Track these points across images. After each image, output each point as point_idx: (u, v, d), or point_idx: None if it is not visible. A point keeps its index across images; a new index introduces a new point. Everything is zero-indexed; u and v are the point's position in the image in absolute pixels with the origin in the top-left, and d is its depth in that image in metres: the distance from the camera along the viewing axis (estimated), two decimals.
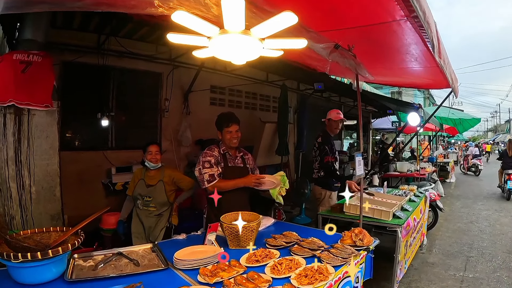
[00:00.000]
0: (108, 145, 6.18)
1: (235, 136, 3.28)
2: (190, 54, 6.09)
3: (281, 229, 3.01)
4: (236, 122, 3.29)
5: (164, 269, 2.22)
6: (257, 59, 2.28)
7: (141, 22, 4.69)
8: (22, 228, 3.00)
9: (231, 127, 3.26)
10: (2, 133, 2.95)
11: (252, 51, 2.15)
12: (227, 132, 3.26)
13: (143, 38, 5.79)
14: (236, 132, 3.28)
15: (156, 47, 6.27)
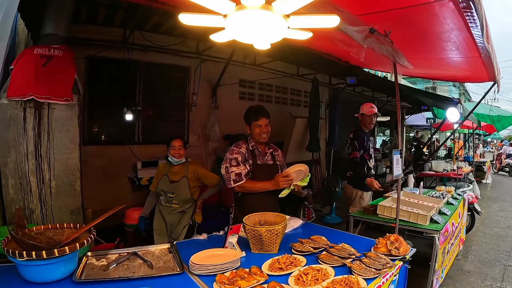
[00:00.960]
0: (135, 140, 6.22)
1: (264, 130, 3.07)
2: (218, 47, 6.12)
3: (309, 232, 2.78)
4: (265, 116, 3.08)
5: (178, 273, 2.06)
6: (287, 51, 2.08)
7: (167, 15, 4.62)
8: (41, 222, 2.98)
9: (260, 120, 3.05)
10: (22, 127, 2.93)
11: (275, 31, 1.90)
12: (256, 126, 3.06)
13: (169, 32, 5.75)
14: (265, 126, 3.07)
15: (183, 41, 6.22)
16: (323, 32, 2.33)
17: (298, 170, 2.98)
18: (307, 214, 5.76)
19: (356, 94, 10.56)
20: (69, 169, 3.23)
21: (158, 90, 6.40)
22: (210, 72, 6.89)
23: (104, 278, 1.98)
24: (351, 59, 4.72)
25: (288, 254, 2.24)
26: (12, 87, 2.86)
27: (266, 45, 2.13)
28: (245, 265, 2.10)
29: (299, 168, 2.99)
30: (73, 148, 3.29)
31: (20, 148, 2.93)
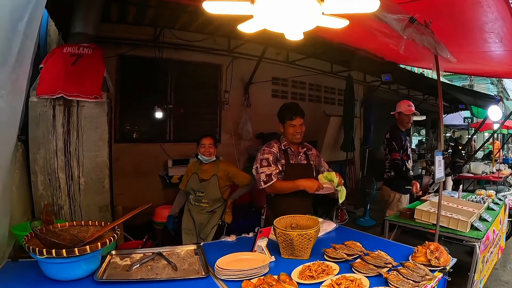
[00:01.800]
0: (166, 138, 6.27)
1: (298, 130, 2.95)
2: (250, 44, 6.05)
3: (343, 236, 2.62)
4: (300, 115, 2.96)
5: (203, 277, 1.96)
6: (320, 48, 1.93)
7: (196, 12, 4.59)
8: (69, 218, 3.01)
9: (294, 120, 2.93)
10: (51, 124, 2.97)
11: (308, 17, 1.73)
12: (290, 126, 2.95)
13: (200, 29, 5.72)
14: (300, 126, 2.95)
15: (214, 39, 6.20)
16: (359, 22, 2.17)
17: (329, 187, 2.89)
18: (340, 216, 5.55)
19: (392, 92, 10.17)
20: (98, 166, 3.25)
21: (189, 88, 6.40)
22: (242, 70, 6.83)
23: (125, 279, 1.92)
24: (386, 54, 4.49)
25: (320, 261, 2.09)
26: (41, 85, 2.91)
27: (299, 35, 1.98)
28: (274, 271, 1.98)
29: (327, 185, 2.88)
30: (102, 146, 3.29)
31: (49, 145, 2.97)
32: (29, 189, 2.88)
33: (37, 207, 2.90)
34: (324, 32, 3.57)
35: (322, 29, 2.53)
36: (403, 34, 2.36)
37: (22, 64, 2.05)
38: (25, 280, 1.81)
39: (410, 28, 2.37)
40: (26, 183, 2.86)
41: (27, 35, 1.98)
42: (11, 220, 2.27)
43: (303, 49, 6.45)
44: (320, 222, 2.71)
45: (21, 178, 2.72)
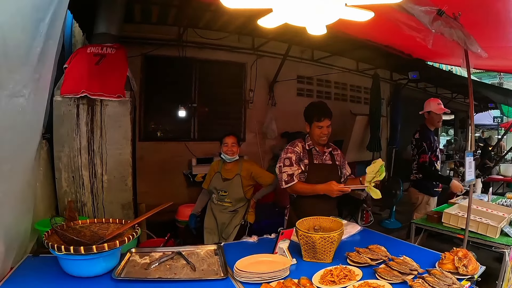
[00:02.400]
0: (190, 136, 6.34)
1: (325, 132, 2.87)
2: (274, 42, 6.00)
3: (367, 239, 2.50)
4: (328, 116, 2.87)
5: (221, 278, 1.92)
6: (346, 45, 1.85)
7: (219, 11, 4.59)
8: (92, 215, 3.06)
9: (322, 121, 2.84)
10: (75, 123, 3.03)
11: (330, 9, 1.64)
12: (316, 127, 2.87)
13: (224, 28, 5.72)
14: (327, 128, 2.87)
15: (238, 37, 6.20)
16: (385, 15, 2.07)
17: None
18: (365, 218, 5.45)
19: (419, 90, 9.82)
20: (121, 165, 3.28)
21: (214, 87, 6.44)
22: (267, 68, 6.79)
23: (143, 278, 1.92)
24: (414, 51, 4.31)
25: (342, 265, 1.98)
26: (65, 85, 2.97)
27: (321, 29, 1.90)
28: (295, 274, 1.92)
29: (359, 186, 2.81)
30: (125, 144, 3.32)
31: (73, 143, 3.03)
32: (53, 186, 2.96)
33: (61, 204, 2.97)
34: (348, 28, 3.46)
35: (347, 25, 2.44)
36: (431, 28, 2.24)
37: (45, 64, 2.09)
38: (44, 275, 1.84)
39: (438, 21, 2.25)
40: (51, 180, 2.94)
41: (49, 36, 2.01)
42: (34, 216, 2.32)
43: (328, 47, 6.33)
44: (344, 224, 2.61)
45: (45, 175, 2.79)
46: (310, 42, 6.06)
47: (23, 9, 1.72)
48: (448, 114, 4.00)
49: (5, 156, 1.76)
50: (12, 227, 1.85)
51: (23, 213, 2.05)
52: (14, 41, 1.70)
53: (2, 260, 1.72)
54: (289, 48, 6.05)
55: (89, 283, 1.81)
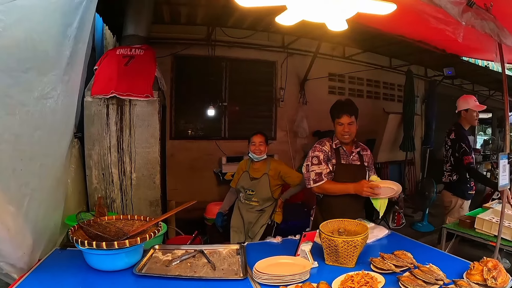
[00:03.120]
0: (221, 135, 6.40)
1: (346, 130, 2.75)
2: (304, 39, 5.94)
3: (394, 244, 2.39)
4: (348, 113, 2.74)
5: (240, 279, 1.90)
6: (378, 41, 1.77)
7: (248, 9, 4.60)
8: (121, 211, 3.17)
9: (342, 118, 2.75)
10: (105, 122, 3.15)
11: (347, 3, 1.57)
12: (337, 125, 2.80)
13: (253, 26, 5.71)
14: (348, 125, 2.75)
15: (268, 35, 6.18)
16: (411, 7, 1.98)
17: (389, 187, 2.64)
18: (397, 220, 5.27)
19: (455, 87, 9.23)
20: (149, 163, 3.37)
21: (244, 85, 6.46)
22: (297, 66, 6.70)
23: (163, 274, 1.94)
24: (448, 46, 4.10)
25: (365, 271, 1.88)
26: (96, 86, 3.10)
27: (342, 24, 1.84)
28: (315, 278, 1.86)
29: (391, 185, 2.65)
30: (154, 143, 3.41)
31: (103, 142, 3.16)
32: (84, 183, 3.11)
33: (91, 200, 3.11)
34: (378, 23, 3.36)
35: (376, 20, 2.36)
36: (460, 20, 2.10)
37: (74, 67, 2.19)
38: (69, 268, 1.92)
39: (468, 12, 2.09)
40: (81, 177, 3.08)
41: (78, 40, 2.10)
42: (65, 211, 2.43)
43: (360, 43, 6.16)
44: (371, 227, 2.52)
45: (76, 172, 2.93)
46: (341, 39, 5.93)
47: (50, 16, 1.81)
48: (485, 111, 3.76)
49: (35, 154, 1.86)
50: (40, 221, 1.96)
51: (53, 208, 2.16)
52: (42, 46, 1.80)
53: (30, 252, 1.82)
54: (319, 45, 5.94)
55: (111, 277, 1.87)
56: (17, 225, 1.69)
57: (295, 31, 5.64)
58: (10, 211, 1.65)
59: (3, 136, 1.60)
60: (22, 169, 1.75)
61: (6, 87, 1.60)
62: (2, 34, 1.46)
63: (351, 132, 2.77)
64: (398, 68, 7.65)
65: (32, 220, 1.85)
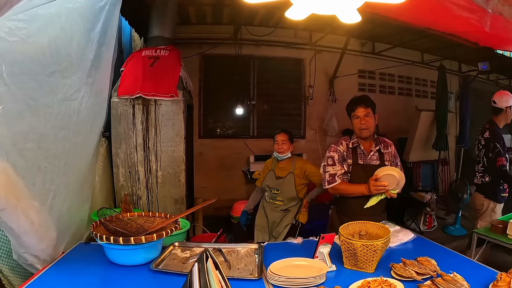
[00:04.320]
0: (249, 133, 6.42)
1: (363, 122, 2.64)
2: (332, 36, 5.85)
3: (419, 249, 2.27)
4: (363, 104, 2.64)
5: (255, 279, 1.89)
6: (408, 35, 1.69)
7: (273, 7, 4.58)
8: (147, 208, 3.27)
9: (357, 110, 2.65)
10: (131, 122, 3.26)
11: None
12: (354, 118, 2.70)
13: (279, 24, 5.69)
14: (365, 117, 2.64)
15: (295, 32, 6.13)
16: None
17: (389, 174, 2.48)
18: (428, 222, 5.08)
19: (490, 83, 8.66)
20: (174, 161, 3.44)
21: (272, 83, 6.45)
22: (326, 63, 6.57)
23: (178, 271, 1.98)
24: (481, 38, 3.86)
25: (383, 278, 1.78)
26: (122, 87, 3.22)
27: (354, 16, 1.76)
28: (331, 282, 1.81)
29: (390, 172, 2.49)
30: (179, 142, 3.48)
31: (130, 140, 3.27)
32: (111, 180, 3.24)
33: (118, 197, 3.24)
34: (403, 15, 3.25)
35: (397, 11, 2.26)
36: (486, 7, 1.99)
37: (99, 69, 2.29)
38: (90, 261, 2.01)
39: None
40: (109, 174, 3.22)
41: (101, 43, 2.20)
42: (92, 206, 2.55)
43: (389, 38, 5.97)
44: (396, 230, 2.43)
45: (104, 170, 3.06)
46: (370, 34, 5.78)
47: (73, 22, 1.91)
48: None
49: (59, 152, 1.97)
50: (65, 215, 2.07)
51: (78, 203, 2.27)
52: (65, 50, 1.90)
53: (53, 244, 1.93)
54: (347, 41, 5.81)
55: (129, 272, 1.93)
56: (41, 219, 1.80)
57: (323, 27, 5.57)
58: (34, 206, 1.76)
59: (29, 135, 1.71)
60: (47, 166, 1.85)
61: (31, 90, 1.70)
62: (25, 40, 1.56)
63: (369, 125, 2.65)
64: (430, 63, 7.31)
65: (56, 215, 1.96)
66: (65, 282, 1.77)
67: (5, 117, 1.52)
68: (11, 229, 1.64)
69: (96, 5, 2.13)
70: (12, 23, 1.47)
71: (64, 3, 1.79)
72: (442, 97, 6.69)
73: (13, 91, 1.55)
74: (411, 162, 6.95)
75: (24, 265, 1.89)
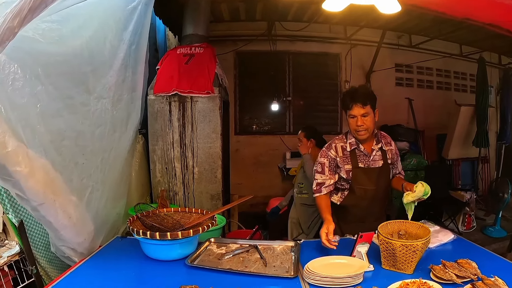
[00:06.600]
0: (286, 130, 6.34)
1: (360, 123, 2.25)
2: (367, 29, 5.66)
3: (460, 251, 2.13)
4: (361, 102, 2.24)
5: (290, 277, 1.83)
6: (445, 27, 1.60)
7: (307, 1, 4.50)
8: (183, 204, 3.31)
9: (353, 109, 2.26)
10: (168, 119, 3.32)
11: None
12: (349, 117, 2.32)
13: (313, 19, 5.57)
14: (362, 117, 2.25)
15: (330, 27, 5.94)
16: None
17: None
18: (467, 223, 4.80)
19: None
20: (211, 157, 3.46)
21: (308, 79, 6.29)
22: (362, 58, 6.30)
23: (213, 267, 1.96)
24: None
25: (422, 280, 1.69)
26: (158, 84, 3.28)
27: (393, 6, 1.68)
28: (369, 282, 1.74)
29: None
30: (215, 138, 3.49)
31: (166, 137, 3.33)
32: (148, 176, 3.32)
33: (154, 192, 3.31)
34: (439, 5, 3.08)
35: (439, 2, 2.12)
36: None
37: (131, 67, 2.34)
38: (126, 255, 2.06)
39: None
40: (145, 170, 3.30)
41: (132, 42, 2.24)
42: (128, 201, 2.61)
43: (426, 30, 5.62)
44: (436, 231, 2.29)
45: (141, 166, 3.15)
46: (406, 27, 5.49)
47: (106, 22, 1.96)
48: None
49: (96, 149, 2.02)
50: (102, 210, 2.13)
51: (114, 198, 2.33)
52: (99, 50, 1.95)
53: (90, 238, 1.99)
54: (383, 34, 5.56)
55: (165, 266, 1.95)
56: (78, 213, 1.86)
57: (358, 20, 5.36)
58: (72, 201, 1.82)
59: (66, 133, 1.77)
60: (84, 163, 1.91)
61: (67, 89, 1.76)
62: (58, 42, 1.61)
63: (367, 126, 2.27)
64: (469, 55, 6.87)
65: (94, 209, 2.02)
66: (101, 275, 1.82)
67: (42, 115, 1.58)
68: (49, 223, 1.71)
69: (129, 5, 2.18)
70: (45, 24, 1.53)
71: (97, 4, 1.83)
72: (482, 91, 6.24)
73: (50, 90, 1.62)
74: (451, 159, 6.59)
75: (62, 257, 1.97)
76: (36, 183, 1.56)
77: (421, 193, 2.13)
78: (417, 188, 2.14)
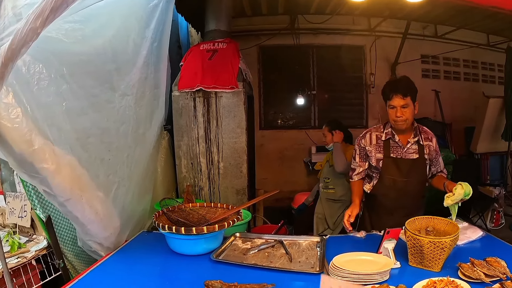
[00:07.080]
0: (311, 124, 6.29)
1: (399, 114, 2.27)
2: (391, 20, 5.49)
3: (489, 248, 2.06)
4: (401, 92, 2.25)
5: (315, 273, 1.80)
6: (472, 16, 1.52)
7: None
8: (209, 199, 3.34)
9: (393, 99, 2.27)
10: (193, 114, 3.34)
11: None
12: (389, 108, 2.33)
13: (336, 11, 5.44)
14: (401, 108, 2.27)
15: (353, 19, 5.82)
16: None
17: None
18: (496, 219, 4.61)
19: None
20: (236, 152, 3.46)
21: (332, 72, 6.19)
22: (387, 49, 6.12)
23: (238, 262, 1.96)
24: None
25: (450, 278, 1.63)
26: (182, 81, 3.30)
27: None
28: (395, 279, 1.70)
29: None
30: (240, 133, 3.49)
31: (191, 133, 3.36)
32: (173, 172, 3.37)
33: (180, 187, 3.36)
34: None
35: None
36: None
37: (153, 65, 2.36)
38: (152, 249, 2.10)
39: None
40: (171, 166, 3.34)
41: (154, 40, 2.26)
42: (154, 197, 2.65)
43: (452, 19, 5.39)
44: (464, 227, 2.22)
45: (166, 162, 3.20)
46: (431, 16, 5.26)
47: (128, 21, 1.99)
48: None
49: (121, 145, 2.06)
50: (128, 205, 2.18)
51: (140, 194, 2.37)
52: (121, 48, 1.99)
53: (117, 233, 2.04)
54: (408, 25, 5.37)
55: (190, 261, 1.97)
56: (105, 208, 1.91)
57: (381, 11, 5.20)
58: (99, 196, 1.87)
59: (91, 130, 1.81)
60: (110, 159, 1.95)
61: (92, 87, 1.80)
62: (81, 41, 1.64)
63: (406, 117, 2.29)
64: (496, 45, 6.54)
65: (120, 205, 2.06)
66: (127, 269, 1.85)
67: (68, 113, 1.62)
68: (76, 218, 1.76)
69: (150, 2, 2.20)
70: (68, 25, 1.56)
71: (118, 3, 1.86)
72: (511, 82, 5.93)
73: (75, 89, 1.66)
74: (479, 153, 6.30)
75: (88, 251, 2.03)
76: (63, 180, 1.61)
77: (460, 195, 2.07)
78: (456, 191, 2.09)
